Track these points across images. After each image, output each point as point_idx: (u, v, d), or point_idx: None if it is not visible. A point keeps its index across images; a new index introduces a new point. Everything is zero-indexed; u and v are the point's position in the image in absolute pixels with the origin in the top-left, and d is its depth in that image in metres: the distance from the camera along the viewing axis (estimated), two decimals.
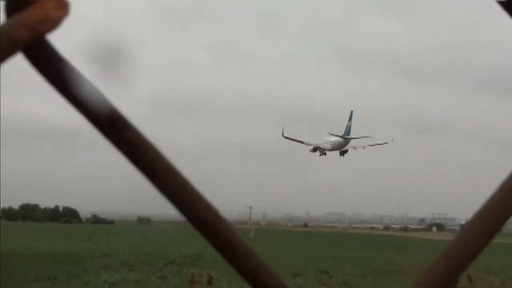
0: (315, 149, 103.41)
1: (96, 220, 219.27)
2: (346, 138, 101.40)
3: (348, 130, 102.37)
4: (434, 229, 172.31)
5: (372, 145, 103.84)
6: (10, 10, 1.08)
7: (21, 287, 25.39)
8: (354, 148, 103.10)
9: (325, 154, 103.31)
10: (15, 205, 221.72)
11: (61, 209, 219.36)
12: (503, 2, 1.23)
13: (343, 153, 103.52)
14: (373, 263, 41.94)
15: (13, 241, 58.82)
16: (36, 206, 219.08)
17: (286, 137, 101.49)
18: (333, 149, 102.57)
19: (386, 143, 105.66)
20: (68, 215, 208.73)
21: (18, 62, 1.15)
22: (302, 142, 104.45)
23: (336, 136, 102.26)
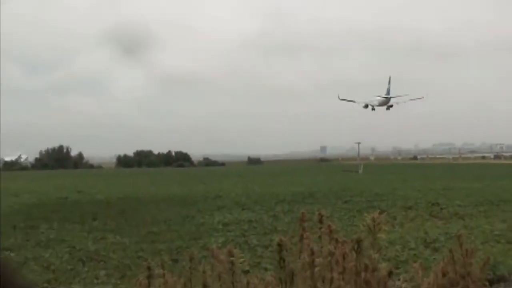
0: (366, 106, 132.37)
1: (207, 162, 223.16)
2: (387, 98, 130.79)
3: (388, 91, 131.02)
4: None
5: (410, 100, 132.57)
6: None
7: (138, 230, 26.15)
8: (397, 103, 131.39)
9: (374, 109, 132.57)
10: (130, 152, 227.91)
11: (173, 153, 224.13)
12: None
13: (388, 107, 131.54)
14: (485, 193, 40.89)
15: (129, 186, 60.82)
16: (150, 152, 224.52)
17: (342, 99, 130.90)
18: (379, 105, 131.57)
19: (422, 98, 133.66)
20: (181, 159, 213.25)
21: None
22: (354, 101, 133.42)
23: (380, 96, 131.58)
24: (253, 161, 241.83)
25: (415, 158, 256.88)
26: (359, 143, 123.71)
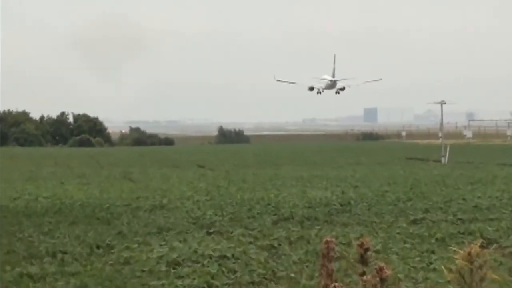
0: (311, 89, 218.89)
1: (137, 137, 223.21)
2: (333, 81, 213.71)
3: (333, 72, 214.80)
4: None
5: (366, 82, 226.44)
6: None
7: None
8: (349, 86, 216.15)
9: (320, 93, 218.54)
10: None
11: (69, 117, 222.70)
12: None
13: (338, 91, 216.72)
14: None
15: None
16: (23, 115, 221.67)
17: (278, 80, 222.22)
18: (326, 88, 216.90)
19: (380, 79, 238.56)
20: (84, 131, 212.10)
21: None
22: (294, 83, 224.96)
23: (328, 79, 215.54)
24: (230, 136, 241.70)
25: None
26: (442, 103, 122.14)
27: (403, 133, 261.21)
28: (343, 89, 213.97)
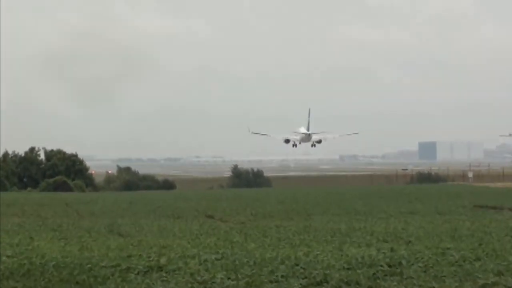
0: (287, 141, 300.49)
1: (128, 181, 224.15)
2: (308, 134, 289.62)
3: (308, 126, 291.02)
4: None
5: (341, 136, 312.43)
6: None
7: None
8: (325, 139, 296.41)
9: (295, 146, 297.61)
10: None
11: (42, 155, 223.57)
12: None
13: (314, 144, 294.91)
14: None
15: None
16: None
17: (254, 133, 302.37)
18: (301, 141, 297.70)
19: (356, 133, 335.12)
20: (61, 171, 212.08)
21: None
22: (266, 135, 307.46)
23: (302, 133, 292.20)
24: (246, 178, 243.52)
25: None
26: None
27: (470, 174, 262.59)
28: (319, 141, 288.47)
